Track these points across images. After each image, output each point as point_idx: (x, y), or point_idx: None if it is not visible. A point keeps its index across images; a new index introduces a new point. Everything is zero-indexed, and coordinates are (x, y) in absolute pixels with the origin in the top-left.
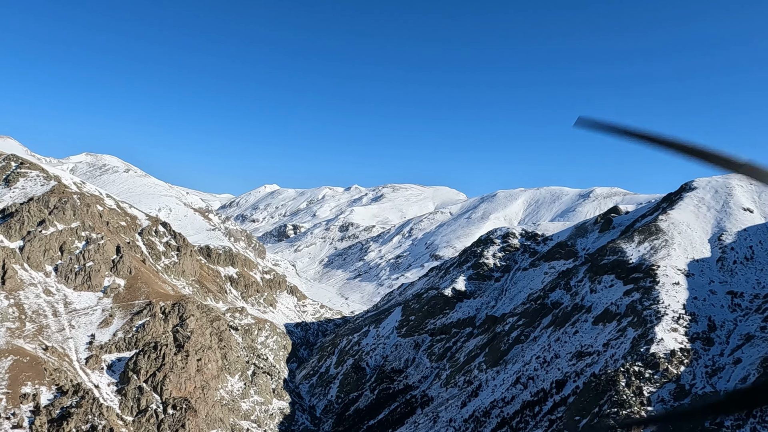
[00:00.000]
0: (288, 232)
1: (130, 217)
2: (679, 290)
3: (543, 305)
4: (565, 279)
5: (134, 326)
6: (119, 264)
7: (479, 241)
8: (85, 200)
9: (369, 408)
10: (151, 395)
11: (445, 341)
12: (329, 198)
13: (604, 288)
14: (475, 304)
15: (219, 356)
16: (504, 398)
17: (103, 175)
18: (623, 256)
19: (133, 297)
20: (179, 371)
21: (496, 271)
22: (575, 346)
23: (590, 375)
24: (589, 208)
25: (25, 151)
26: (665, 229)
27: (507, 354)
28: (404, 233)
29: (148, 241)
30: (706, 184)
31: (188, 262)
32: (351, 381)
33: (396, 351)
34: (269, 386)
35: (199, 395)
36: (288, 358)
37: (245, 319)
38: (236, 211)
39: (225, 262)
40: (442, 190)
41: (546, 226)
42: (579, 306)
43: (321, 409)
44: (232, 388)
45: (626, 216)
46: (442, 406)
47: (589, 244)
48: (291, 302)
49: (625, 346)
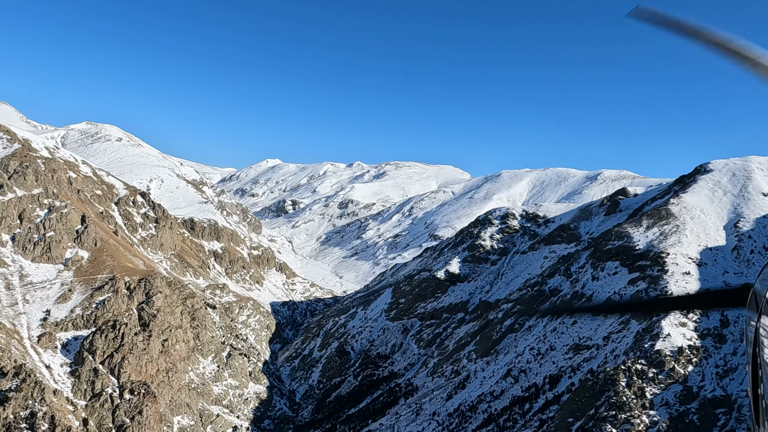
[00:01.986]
0: (287, 207)
1: (106, 185)
2: (689, 280)
3: (540, 292)
4: (566, 264)
5: (94, 302)
6: (83, 235)
7: (476, 222)
8: (51, 166)
9: (351, 395)
10: (108, 378)
11: (435, 327)
12: (331, 174)
13: (607, 275)
14: (469, 288)
15: (191, 336)
16: (493, 392)
17: (95, 144)
18: (630, 241)
19: (96, 271)
20: (139, 353)
21: (493, 254)
22: (573, 338)
23: (587, 371)
24: (596, 191)
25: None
26: (677, 214)
27: (499, 343)
28: (404, 212)
29: (125, 212)
30: (723, 166)
31: (167, 235)
32: (334, 365)
33: (383, 335)
34: (245, 369)
35: (163, 379)
36: (271, 339)
37: (226, 296)
38: (236, 185)
39: (210, 236)
40: (446, 169)
41: (548, 207)
42: (579, 294)
43: (301, 395)
44: (204, 371)
45: (635, 199)
46: (426, 397)
47: (593, 228)
48: (279, 280)
49: (628, 341)
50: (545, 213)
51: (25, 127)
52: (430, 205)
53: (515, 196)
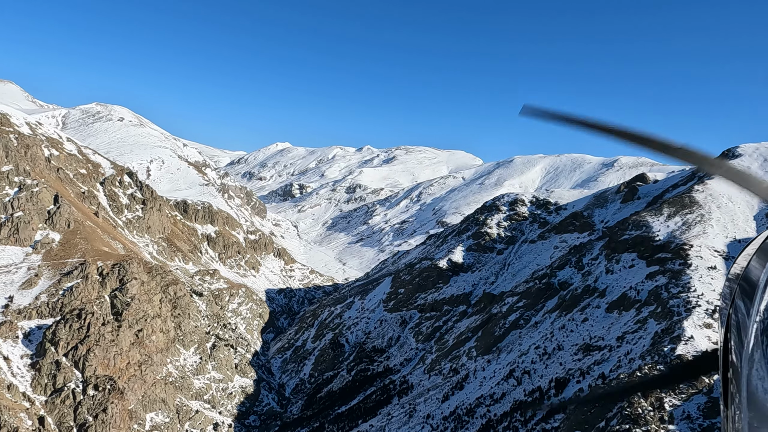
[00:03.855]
0: (294, 191)
1: (92, 164)
2: (715, 276)
3: (549, 285)
4: (577, 255)
5: (62, 289)
6: (55, 216)
7: (483, 208)
8: (25, 142)
9: (343, 391)
10: (71, 372)
11: (435, 319)
12: (339, 158)
13: (622, 268)
14: (472, 279)
15: (171, 326)
16: (493, 394)
17: (96, 123)
18: (648, 231)
19: (67, 255)
20: (107, 344)
21: (500, 243)
22: (583, 337)
23: (598, 376)
24: (612, 178)
25: (25, 97)
26: (701, 202)
27: (502, 340)
28: (412, 197)
29: (110, 192)
30: (753, 151)
31: (155, 218)
32: (327, 358)
33: (380, 327)
34: (231, 361)
35: (134, 372)
36: (264, 328)
37: (216, 282)
38: (244, 168)
39: (203, 219)
40: (457, 154)
41: (560, 193)
42: (591, 288)
43: (291, 388)
44: (185, 363)
45: (654, 185)
46: (421, 397)
47: (609, 216)
48: (277, 266)
49: (645, 343)
50: (557, 199)
51: (28, 105)
52: (439, 190)
53: (528, 182)
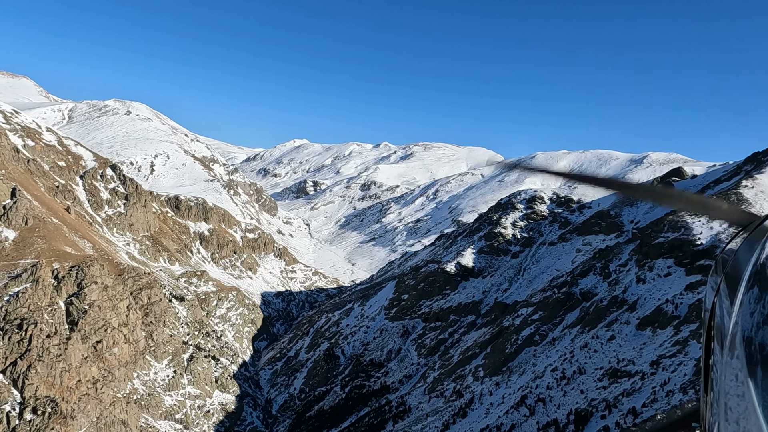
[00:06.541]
0: (307, 188)
1: (73, 156)
2: None
3: (569, 295)
4: (603, 261)
5: (7, 294)
6: (11, 211)
7: (498, 206)
8: None
9: (334, 410)
10: (8, 392)
11: (440, 330)
12: (356, 155)
13: (657, 277)
14: (483, 286)
15: (141, 335)
16: (500, 426)
17: (102, 117)
18: (688, 233)
19: (20, 255)
20: (52, 360)
21: (515, 245)
22: (609, 360)
23: (628, 411)
24: (641, 176)
25: (38, 91)
26: (751, 200)
27: (513, 359)
28: (428, 195)
29: (90, 186)
30: None
31: (139, 214)
32: (321, 371)
33: (380, 337)
34: (211, 374)
35: (87, 391)
36: (256, 336)
37: (204, 285)
38: (259, 165)
39: (197, 216)
40: (477, 150)
41: (584, 190)
42: (619, 300)
43: (279, 405)
44: (155, 378)
45: (693, 181)
46: (419, 423)
47: (640, 216)
48: (277, 267)
49: (686, 371)
50: (580, 197)
51: (39, 99)
52: (456, 188)
53: (550, 180)
